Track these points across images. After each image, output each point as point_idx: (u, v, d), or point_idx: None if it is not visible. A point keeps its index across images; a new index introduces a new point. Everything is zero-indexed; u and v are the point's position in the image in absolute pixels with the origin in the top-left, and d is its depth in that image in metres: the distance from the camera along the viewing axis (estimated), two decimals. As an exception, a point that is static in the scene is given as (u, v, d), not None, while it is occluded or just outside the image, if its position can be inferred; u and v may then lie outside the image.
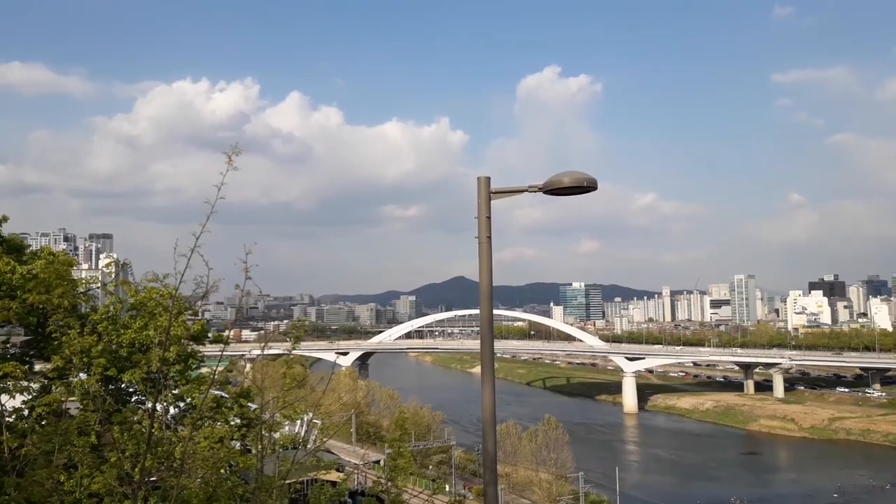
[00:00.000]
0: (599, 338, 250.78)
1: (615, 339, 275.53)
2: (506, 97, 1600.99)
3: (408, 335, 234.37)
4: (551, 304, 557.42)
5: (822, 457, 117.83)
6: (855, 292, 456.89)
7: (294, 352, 8.72)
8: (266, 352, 9.20)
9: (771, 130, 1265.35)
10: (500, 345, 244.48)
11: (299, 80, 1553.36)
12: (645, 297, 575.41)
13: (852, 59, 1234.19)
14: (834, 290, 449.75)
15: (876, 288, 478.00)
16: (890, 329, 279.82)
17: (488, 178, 8.28)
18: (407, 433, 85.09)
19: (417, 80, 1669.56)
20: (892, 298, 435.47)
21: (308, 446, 9.38)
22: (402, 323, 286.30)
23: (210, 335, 14.50)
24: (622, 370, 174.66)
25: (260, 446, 8.01)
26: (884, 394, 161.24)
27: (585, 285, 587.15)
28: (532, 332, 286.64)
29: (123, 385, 12.15)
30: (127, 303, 12.86)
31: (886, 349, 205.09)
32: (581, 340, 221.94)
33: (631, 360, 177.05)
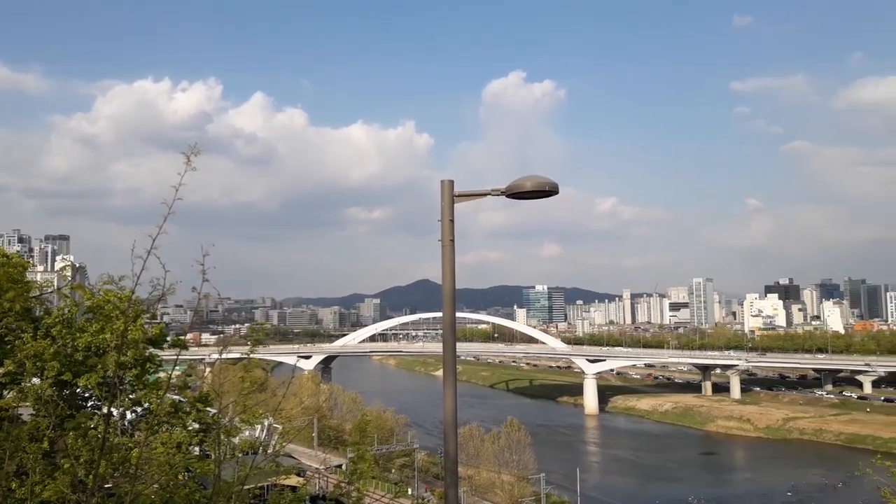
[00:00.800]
0: (562, 340, 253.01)
1: (577, 342, 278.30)
2: (472, 101, 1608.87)
3: (372, 338, 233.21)
4: (515, 306, 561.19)
5: (776, 456, 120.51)
6: (809, 295, 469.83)
7: (255, 355, 8.64)
8: (225, 355, 9.08)
9: (730, 137, 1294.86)
10: (463, 347, 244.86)
11: (263, 80, 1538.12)
12: (606, 300, 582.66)
13: (809, 68, 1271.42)
14: (789, 294, 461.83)
15: (829, 291, 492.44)
16: (842, 331, 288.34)
17: (452, 182, 8.32)
18: (369, 437, 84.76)
19: (383, 83, 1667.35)
20: (844, 301, 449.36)
21: (268, 451, 9.27)
22: (366, 326, 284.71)
23: (169, 339, 14.25)
24: (583, 372, 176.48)
25: (218, 451, 7.92)
26: (835, 394, 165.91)
27: (548, 288, 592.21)
28: (496, 335, 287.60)
29: (79, 390, 11.88)
30: (83, 306, 12.59)
31: (838, 351, 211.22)
32: (544, 343, 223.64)
33: (592, 362, 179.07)
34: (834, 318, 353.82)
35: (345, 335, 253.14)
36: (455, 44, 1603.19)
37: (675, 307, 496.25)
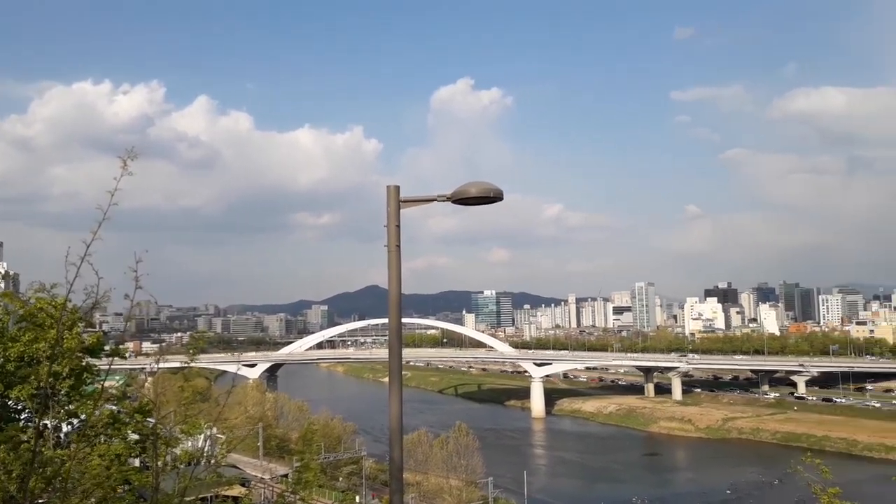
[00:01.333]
0: (510, 344, 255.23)
1: (524, 346, 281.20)
2: (420, 107, 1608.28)
3: (319, 345, 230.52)
4: (464, 311, 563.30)
5: (716, 455, 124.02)
6: (746, 299, 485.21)
7: (197, 364, 8.49)
8: (167, 365, 8.89)
9: (671, 145, 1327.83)
10: (412, 353, 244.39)
11: (208, 83, 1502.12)
12: (553, 305, 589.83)
13: (746, 79, 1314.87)
14: (727, 297, 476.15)
15: (765, 294, 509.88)
16: (777, 333, 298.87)
17: (398, 187, 8.32)
18: (315, 445, 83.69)
19: (331, 88, 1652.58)
20: (779, 304, 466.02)
21: (210, 462, 9.08)
22: (313, 333, 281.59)
23: (107, 348, 13.81)
24: (531, 376, 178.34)
25: (154, 462, 7.74)
26: (772, 394, 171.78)
27: (497, 293, 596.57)
28: (445, 340, 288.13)
29: (10, 402, 11.42)
30: (16, 314, 12.10)
31: (774, 352, 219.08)
32: (492, 347, 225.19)
33: (539, 365, 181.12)
34: (770, 320, 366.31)
35: (291, 343, 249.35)
36: (404, 49, 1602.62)
37: (619, 311, 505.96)
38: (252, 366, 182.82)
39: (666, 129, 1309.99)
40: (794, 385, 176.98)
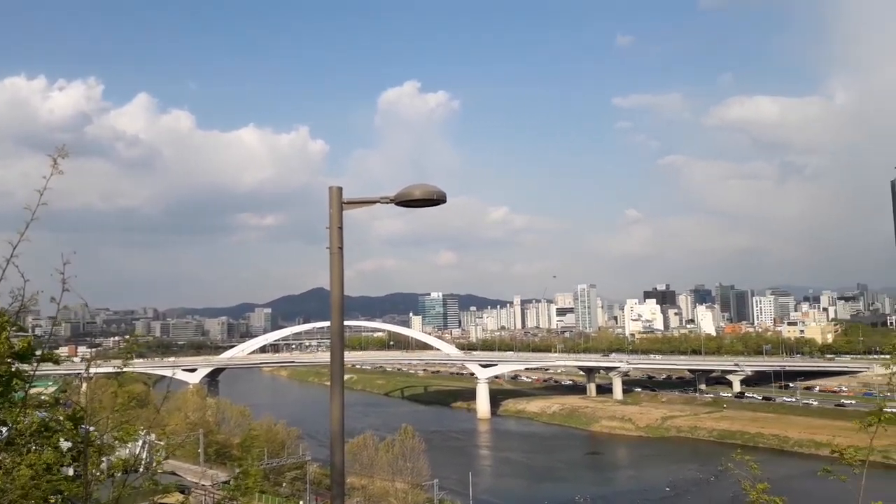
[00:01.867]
0: (456, 346, 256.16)
1: (470, 347, 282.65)
2: (367, 108, 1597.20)
3: (262, 349, 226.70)
4: (411, 314, 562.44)
5: (656, 454, 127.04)
6: (684, 300, 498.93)
7: (134, 369, 8.27)
8: (103, 370, 8.64)
9: (613, 150, 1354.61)
10: (358, 356, 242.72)
11: (148, 81, 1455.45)
12: (498, 306, 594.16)
13: (684, 87, 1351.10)
14: (666, 299, 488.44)
15: (702, 296, 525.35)
16: (713, 333, 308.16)
17: (340, 188, 8.26)
18: (257, 451, 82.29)
19: (276, 87, 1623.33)
20: (716, 306, 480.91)
21: (148, 469, 8.85)
22: (256, 337, 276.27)
23: (39, 353, 13.30)
24: (476, 377, 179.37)
25: (86, 471, 7.52)
26: (709, 394, 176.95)
27: (443, 295, 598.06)
28: (391, 343, 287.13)
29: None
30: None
31: (710, 352, 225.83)
32: (439, 349, 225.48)
33: (485, 366, 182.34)
34: (706, 321, 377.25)
35: (233, 346, 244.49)
36: (351, 50, 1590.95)
37: (562, 312, 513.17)
38: (192, 370, 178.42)
39: (608, 135, 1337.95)
40: (729, 384, 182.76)
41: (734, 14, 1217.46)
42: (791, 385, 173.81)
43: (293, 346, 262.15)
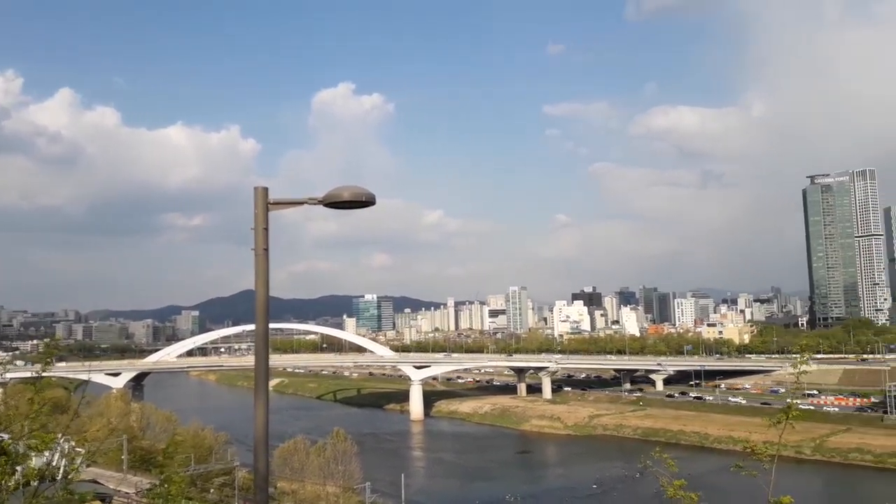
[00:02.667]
0: (390, 348, 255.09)
1: (404, 349, 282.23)
2: (301, 109, 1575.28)
3: (190, 353, 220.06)
4: (344, 316, 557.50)
5: (584, 452, 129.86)
6: (610, 302, 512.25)
7: (54, 374, 7.97)
8: (19, 374, 8.28)
9: (543, 156, 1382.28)
10: (290, 359, 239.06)
11: (71, 75, 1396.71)
12: (432, 308, 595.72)
13: (611, 96, 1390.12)
14: (593, 301, 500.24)
15: (626, 298, 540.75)
16: (637, 334, 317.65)
17: (266, 189, 8.14)
18: (183, 456, 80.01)
19: (206, 84, 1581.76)
20: (640, 307, 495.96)
21: (66, 478, 8.50)
22: (183, 340, 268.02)
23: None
24: (410, 379, 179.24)
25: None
26: (633, 392, 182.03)
27: (378, 297, 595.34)
28: (324, 345, 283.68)
29: None
30: None
31: (635, 352, 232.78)
32: (372, 352, 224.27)
33: (418, 368, 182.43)
34: (631, 322, 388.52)
35: (159, 350, 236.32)
36: (284, 49, 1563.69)
37: (494, 314, 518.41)
38: (116, 374, 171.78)
39: (538, 141, 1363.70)
40: (653, 383, 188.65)
41: (658, 26, 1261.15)
42: (701, 384, 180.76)
43: (222, 350, 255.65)
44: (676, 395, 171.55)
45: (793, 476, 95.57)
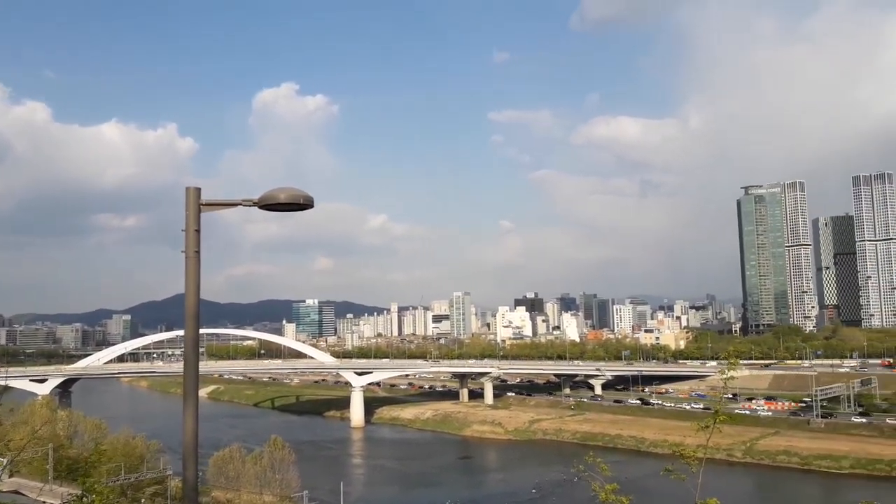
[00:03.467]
0: (331, 354, 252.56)
1: (346, 355, 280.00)
2: (241, 108, 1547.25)
3: (121, 358, 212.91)
4: (284, 321, 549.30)
5: (524, 456, 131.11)
6: (551, 308, 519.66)
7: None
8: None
9: (488, 162, 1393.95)
10: (226, 365, 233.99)
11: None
12: (375, 314, 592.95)
13: (554, 104, 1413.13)
14: (535, 306, 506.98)
15: (567, 304, 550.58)
16: (577, 339, 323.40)
17: (198, 189, 7.89)
18: (112, 465, 77.40)
19: (142, 80, 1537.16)
20: (580, 313, 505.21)
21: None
22: (114, 345, 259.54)
23: None
24: (351, 385, 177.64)
25: None
26: (573, 397, 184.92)
27: (319, 302, 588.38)
28: (262, 352, 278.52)
29: None
30: None
31: (575, 357, 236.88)
32: (313, 358, 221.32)
33: (360, 374, 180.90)
34: (571, 328, 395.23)
35: (89, 355, 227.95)
36: (225, 46, 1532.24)
37: (438, 319, 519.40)
38: (42, 380, 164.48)
39: (483, 147, 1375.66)
40: (592, 388, 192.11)
41: (601, 37, 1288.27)
42: (645, 390, 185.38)
43: (154, 356, 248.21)
44: (615, 399, 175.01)
45: (724, 478, 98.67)
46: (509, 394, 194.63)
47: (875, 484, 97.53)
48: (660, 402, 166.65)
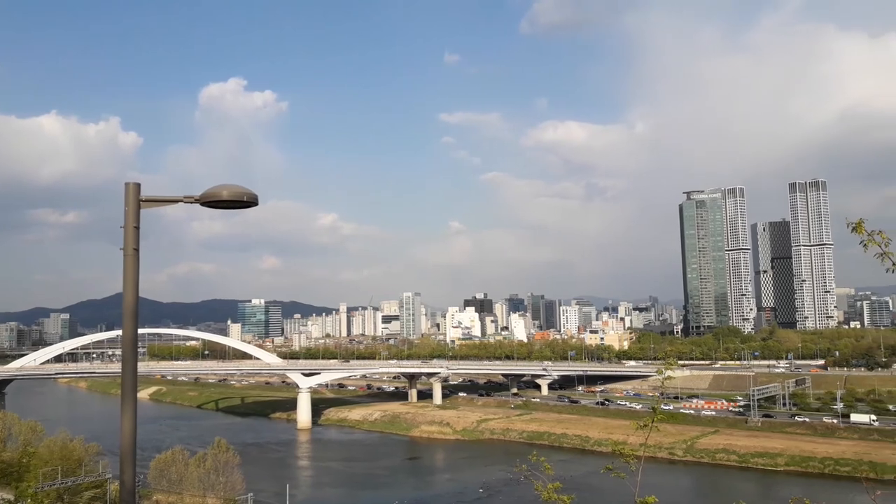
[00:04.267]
0: (278, 355, 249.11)
1: (293, 356, 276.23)
2: (187, 103, 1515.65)
3: (59, 359, 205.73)
4: (229, 321, 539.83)
5: (472, 456, 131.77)
6: (500, 308, 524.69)
7: None
8: None
9: (439, 163, 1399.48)
10: (168, 366, 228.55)
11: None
12: (324, 314, 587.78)
13: (504, 108, 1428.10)
14: (484, 307, 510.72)
15: (515, 305, 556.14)
16: (525, 340, 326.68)
17: (138, 185, 7.71)
18: (46, 469, 74.93)
19: (85, 72, 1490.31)
20: (527, 314, 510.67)
21: None
22: (51, 345, 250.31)
23: None
24: (298, 386, 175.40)
25: None
26: (520, 396, 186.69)
27: (265, 302, 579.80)
28: (206, 352, 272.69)
29: None
30: None
31: (522, 357, 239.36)
32: (258, 358, 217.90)
33: (307, 375, 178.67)
34: (519, 329, 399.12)
35: (24, 355, 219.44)
36: (170, 39, 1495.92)
37: (388, 319, 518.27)
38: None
39: (434, 148, 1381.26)
40: (539, 387, 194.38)
41: (551, 43, 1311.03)
42: (580, 389, 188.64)
43: (94, 356, 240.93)
44: (561, 398, 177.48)
45: (666, 476, 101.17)
46: (458, 394, 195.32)
47: (808, 481, 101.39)
48: (604, 401, 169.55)
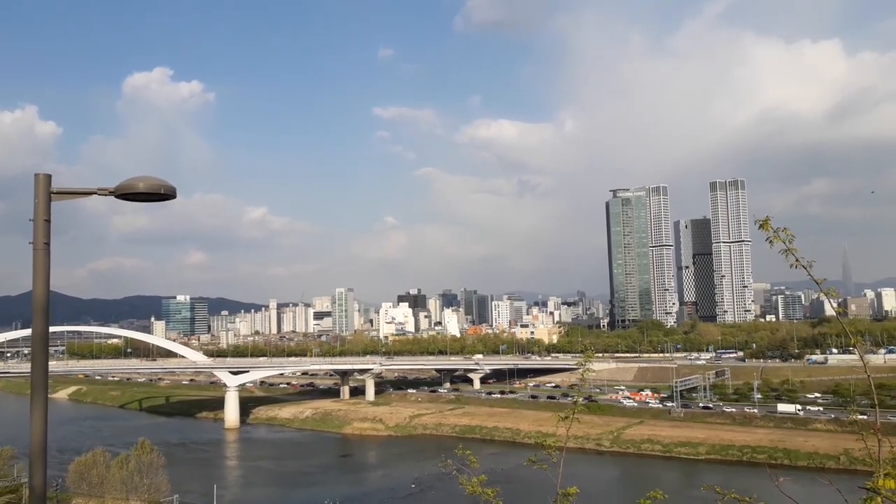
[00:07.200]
0: (204, 353, 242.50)
1: (220, 354, 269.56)
2: (109, 92, 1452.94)
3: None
4: (153, 318, 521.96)
5: (404, 452, 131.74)
6: (433, 304, 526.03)
7: None
8: None
9: (373, 158, 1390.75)
10: (88, 365, 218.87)
11: None
12: (253, 311, 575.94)
13: (438, 104, 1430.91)
14: (417, 303, 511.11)
15: (449, 300, 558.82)
16: (458, 335, 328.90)
17: (48, 176, 7.39)
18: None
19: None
20: (461, 309, 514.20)
21: None
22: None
23: None
24: (226, 385, 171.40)
25: None
26: (453, 391, 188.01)
27: (191, 299, 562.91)
28: (129, 350, 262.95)
29: None
30: None
31: (455, 352, 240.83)
32: (184, 357, 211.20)
33: (235, 373, 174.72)
34: (452, 323, 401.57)
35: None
36: (92, 25, 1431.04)
37: (320, 316, 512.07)
38: None
39: (368, 143, 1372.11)
40: (471, 381, 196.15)
41: (484, 41, 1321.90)
42: (518, 383, 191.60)
43: (8, 354, 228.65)
44: (492, 392, 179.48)
45: (593, 466, 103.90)
46: (392, 390, 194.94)
47: (727, 468, 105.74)
48: (533, 394, 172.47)
